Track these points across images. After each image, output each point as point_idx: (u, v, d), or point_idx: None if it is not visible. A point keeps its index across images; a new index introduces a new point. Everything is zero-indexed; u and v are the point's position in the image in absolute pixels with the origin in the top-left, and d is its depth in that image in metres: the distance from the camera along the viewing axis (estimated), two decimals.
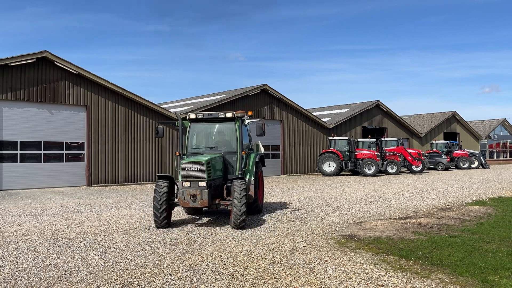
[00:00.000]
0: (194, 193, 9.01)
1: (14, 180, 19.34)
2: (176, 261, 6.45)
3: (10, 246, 7.62)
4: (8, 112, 19.38)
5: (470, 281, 5.43)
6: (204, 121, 10.69)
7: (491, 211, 11.26)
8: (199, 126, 10.74)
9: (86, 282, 5.53)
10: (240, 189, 8.90)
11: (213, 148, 10.59)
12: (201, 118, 10.52)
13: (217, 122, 10.75)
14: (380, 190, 17.72)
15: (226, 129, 10.77)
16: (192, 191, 9.02)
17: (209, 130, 10.92)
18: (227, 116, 10.32)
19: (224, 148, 10.55)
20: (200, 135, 10.79)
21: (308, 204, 13.30)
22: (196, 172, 9.08)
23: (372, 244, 7.50)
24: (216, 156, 9.93)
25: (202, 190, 9.02)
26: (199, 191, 9.02)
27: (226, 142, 10.66)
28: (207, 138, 10.89)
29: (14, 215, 11.44)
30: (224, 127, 10.79)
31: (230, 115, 10.31)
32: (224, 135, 10.83)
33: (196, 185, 9.07)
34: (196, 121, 10.65)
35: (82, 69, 20.89)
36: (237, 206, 8.76)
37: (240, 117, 10.41)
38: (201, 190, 9.02)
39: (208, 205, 9.10)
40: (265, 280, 5.54)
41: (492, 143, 58.40)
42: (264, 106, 29.43)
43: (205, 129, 10.87)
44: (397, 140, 33.85)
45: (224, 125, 10.71)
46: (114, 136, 22.28)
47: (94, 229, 9.25)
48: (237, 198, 8.81)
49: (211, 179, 9.28)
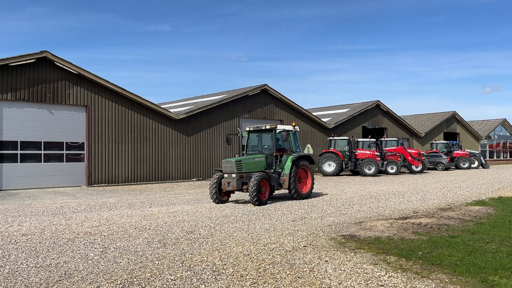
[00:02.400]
0: (228, 181, 13.24)
1: (14, 180, 19.35)
2: (176, 261, 6.45)
3: (10, 246, 7.62)
4: (8, 112, 19.39)
5: (470, 281, 5.43)
6: (256, 132, 14.92)
7: (491, 211, 11.26)
8: (253, 135, 15.09)
9: (86, 282, 5.53)
10: (253, 181, 12.78)
11: (260, 150, 14.73)
12: (253, 130, 14.93)
13: (263, 132, 14.87)
14: (380, 190, 17.71)
15: (267, 137, 14.83)
16: (227, 179, 13.28)
17: (259, 138, 15.07)
18: (267, 127, 14.55)
19: (267, 151, 14.51)
20: (254, 142, 15.10)
21: (308, 204, 13.30)
22: (230, 167, 13.33)
23: (372, 244, 7.50)
24: (254, 156, 14.04)
25: (233, 179, 13.14)
26: (231, 179, 13.16)
27: (268, 146, 14.67)
28: (259, 143, 15.04)
29: (14, 215, 11.44)
30: (266, 136, 14.86)
31: (268, 127, 14.53)
32: (267, 141, 14.83)
33: (230, 175, 13.26)
34: (251, 132, 15.00)
35: (82, 69, 20.90)
36: (250, 191, 12.82)
37: (273, 129, 14.39)
38: (232, 179, 13.14)
39: (237, 189, 13.18)
40: (265, 280, 5.54)
41: (492, 143, 58.41)
42: (264, 106, 29.44)
43: (257, 137, 15.10)
44: (397, 140, 33.83)
45: (266, 134, 14.81)
46: (114, 136, 22.28)
47: (94, 229, 9.25)
48: (250, 186, 12.81)
49: (242, 172, 13.32)
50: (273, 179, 13.80)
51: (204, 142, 26.26)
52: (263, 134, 14.89)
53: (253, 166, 13.73)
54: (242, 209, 12.30)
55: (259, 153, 14.53)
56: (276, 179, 13.93)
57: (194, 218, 10.60)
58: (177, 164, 24.84)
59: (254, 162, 13.83)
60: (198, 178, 25.67)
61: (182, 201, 14.45)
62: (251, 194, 12.69)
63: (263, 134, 14.90)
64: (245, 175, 13.36)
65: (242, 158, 13.64)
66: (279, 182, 14.04)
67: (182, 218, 10.69)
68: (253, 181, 12.75)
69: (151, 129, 23.78)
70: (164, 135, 24.36)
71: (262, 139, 14.96)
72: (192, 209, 12.37)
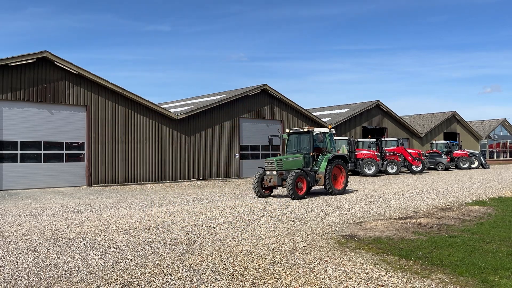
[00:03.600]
0: (270, 177, 15.05)
1: (14, 180, 19.35)
2: (176, 261, 6.45)
3: (10, 246, 7.61)
4: (8, 112, 19.39)
5: (470, 281, 5.42)
6: (295, 133, 16.68)
7: (491, 211, 11.26)
8: (292, 137, 16.79)
9: (86, 282, 5.53)
10: (289, 177, 14.40)
11: (299, 150, 16.35)
12: (292, 132, 16.71)
13: (301, 134, 16.53)
14: (380, 190, 17.72)
15: (305, 139, 16.42)
16: (269, 176, 15.11)
17: (298, 139, 16.72)
18: (305, 130, 16.25)
19: (304, 151, 16.14)
20: (293, 143, 16.76)
21: (308, 204, 13.30)
22: (271, 165, 15.18)
23: (372, 244, 7.50)
24: (292, 156, 15.79)
25: (274, 176, 14.95)
26: (272, 176, 14.98)
27: (306, 147, 16.26)
28: (298, 144, 16.67)
29: (14, 215, 11.44)
30: (304, 137, 16.47)
31: (306, 129, 16.22)
32: (304, 142, 16.43)
33: (271, 172, 15.07)
34: (290, 134, 16.77)
35: (82, 69, 20.90)
36: (287, 186, 14.39)
37: (311, 131, 16.02)
38: (273, 176, 14.95)
39: (277, 185, 14.96)
40: (265, 280, 5.54)
41: (492, 143, 58.39)
42: (264, 106, 29.44)
43: (296, 139, 16.77)
44: (397, 140, 33.82)
45: (304, 136, 16.44)
46: (114, 136, 22.28)
47: (94, 229, 9.25)
48: (287, 182, 14.41)
49: (282, 169, 15.11)
50: (310, 176, 15.35)
51: (204, 142, 26.26)
52: (302, 136, 16.58)
53: (292, 164, 15.46)
54: (242, 209, 12.30)
55: (298, 152, 16.24)
56: (313, 176, 15.53)
57: (194, 218, 10.60)
58: (177, 164, 24.84)
59: (293, 161, 15.59)
60: (198, 178, 25.66)
61: (182, 201, 14.45)
62: (288, 189, 14.32)
63: (301, 136, 16.60)
64: (284, 172, 15.08)
65: (282, 157, 15.53)
66: (315, 179, 15.60)
67: (182, 218, 10.69)
68: (289, 177, 14.37)
69: (151, 129, 23.78)
70: (164, 135, 24.37)
71: (300, 140, 16.62)
72: (192, 209, 12.37)
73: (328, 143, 16.50)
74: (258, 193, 15.30)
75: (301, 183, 14.83)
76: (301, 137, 16.61)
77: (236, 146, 27.77)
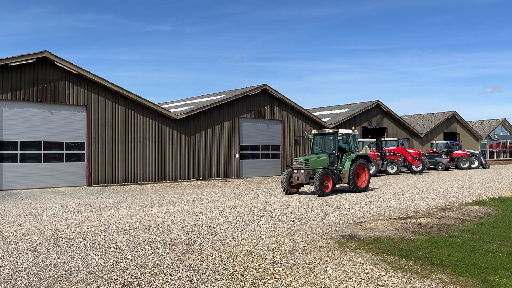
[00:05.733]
0: (298, 176, 16.07)
1: (14, 180, 19.34)
2: (176, 261, 6.45)
3: (10, 246, 7.61)
4: (8, 112, 19.39)
5: (470, 281, 5.42)
6: (320, 135, 17.63)
7: (491, 211, 11.26)
8: (318, 137, 17.75)
9: (86, 282, 5.53)
10: (317, 176, 15.41)
11: (324, 150, 17.27)
12: (317, 133, 17.64)
13: (326, 135, 17.51)
14: (380, 190, 17.72)
15: (330, 139, 17.43)
16: (297, 174, 16.13)
17: (323, 140, 17.67)
18: (330, 131, 17.25)
19: (329, 151, 17.07)
20: (318, 143, 17.72)
21: (308, 204, 13.30)
22: (299, 164, 16.21)
23: (372, 244, 7.50)
24: (318, 156, 16.73)
25: (301, 174, 15.98)
26: (300, 175, 16.01)
27: (331, 147, 17.24)
28: (322, 144, 17.61)
29: (14, 215, 11.44)
30: (329, 138, 17.47)
31: (331, 131, 17.23)
32: (329, 143, 17.41)
33: (299, 171, 16.08)
34: (316, 135, 17.72)
35: (82, 69, 20.89)
36: (314, 184, 15.41)
37: (335, 132, 17.07)
38: (301, 174, 15.98)
39: (305, 182, 15.95)
40: (265, 280, 5.54)
41: (492, 143, 58.40)
42: (264, 106, 29.44)
43: (321, 139, 17.70)
44: (397, 140, 33.82)
45: (329, 137, 17.47)
46: (114, 136, 22.28)
47: (94, 229, 9.25)
48: (314, 180, 15.44)
49: (309, 168, 16.15)
50: (335, 175, 16.33)
51: (204, 142, 26.25)
52: (326, 137, 17.56)
53: (318, 163, 16.47)
54: (242, 209, 12.30)
55: (323, 152, 17.18)
56: (338, 174, 16.50)
57: (194, 218, 10.60)
58: (177, 164, 24.84)
59: (319, 160, 16.59)
60: (198, 178, 25.66)
61: (182, 201, 14.45)
62: (315, 186, 15.32)
63: (326, 137, 17.57)
64: (311, 171, 16.15)
65: (309, 157, 16.52)
66: (340, 177, 16.57)
67: (182, 218, 10.69)
68: (317, 176, 15.40)
69: (151, 129, 23.77)
70: (164, 135, 24.36)
71: (325, 141, 17.58)
72: (192, 209, 12.37)
73: (352, 144, 17.41)
74: (286, 190, 16.20)
75: (327, 181, 15.79)
76: (326, 138, 17.56)
77: (236, 146, 27.77)
